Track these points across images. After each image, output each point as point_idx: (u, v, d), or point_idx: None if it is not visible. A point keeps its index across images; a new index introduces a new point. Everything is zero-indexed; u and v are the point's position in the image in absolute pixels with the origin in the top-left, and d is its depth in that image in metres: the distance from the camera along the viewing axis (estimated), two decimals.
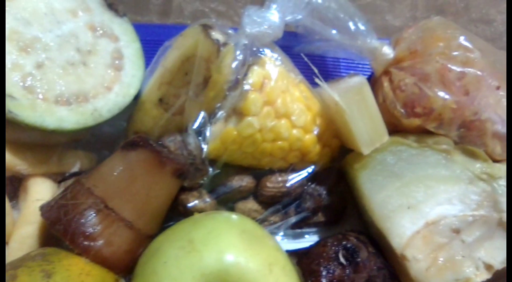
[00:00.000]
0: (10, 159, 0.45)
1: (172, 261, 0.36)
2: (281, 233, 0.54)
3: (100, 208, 0.40)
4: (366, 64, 0.57)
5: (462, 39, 0.46)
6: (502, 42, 0.74)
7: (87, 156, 0.52)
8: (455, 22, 0.50)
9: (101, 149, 0.55)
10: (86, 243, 0.39)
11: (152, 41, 0.53)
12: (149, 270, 0.37)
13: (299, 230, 0.53)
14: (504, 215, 0.45)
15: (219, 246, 0.36)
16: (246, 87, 0.43)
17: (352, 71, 0.57)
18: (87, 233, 0.39)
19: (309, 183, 0.52)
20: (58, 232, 0.39)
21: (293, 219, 0.51)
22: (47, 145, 0.49)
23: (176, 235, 0.39)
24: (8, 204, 0.45)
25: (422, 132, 0.49)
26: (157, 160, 0.41)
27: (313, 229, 0.54)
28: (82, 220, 0.39)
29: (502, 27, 0.75)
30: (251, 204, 0.49)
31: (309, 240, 0.53)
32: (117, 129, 0.55)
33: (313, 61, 0.55)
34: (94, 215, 0.40)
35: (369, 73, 0.57)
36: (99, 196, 0.40)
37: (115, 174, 0.41)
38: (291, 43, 0.55)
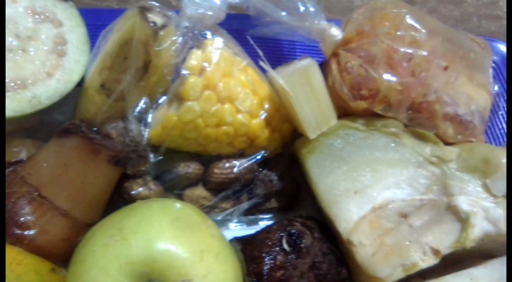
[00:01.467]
0: None
1: (100, 249, 0.36)
2: (235, 220, 0.53)
3: (33, 196, 0.39)
4: None
5: (408, 19, 0.45)
6: (472, 23, 0.72)
7: (34, 144, 0.51)
8: (424, 2, 0.49)
9: (52, 138, 0.54)
10: (19, 232, 0.39)
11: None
12: (78, 259, 0.37)
13: (253, 217, 0.53)
14: (453, 199, 0.44)
15: (148, 234, 0.36)
16: (185, 71, 0.42)
17: (307, 55, 0.56)
18: (20, 222, 0.39)
19: (260, 169, 0.51)
20: None
21: (245, 205, 0.50)
22: None
23: (108, 223, 0.38)
24: None
25: (371, 116, 0.48)
26: (90, 147, 0.40)
27: (268, 216, 0.53)
28: (15, 209, 0.39)
29: (472, 9, 0.73)
30: (199, 191, 0.49)
31: (264, 226, 0.52)
32: (68, 118, 0.54)
33: (267, 45, 0.54)
34: (27, 203, 0.39)
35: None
36: (33, 184, 0.40)
37: (49, 162, 0.40)
38: (244, 27, 0.53)
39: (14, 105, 0.43)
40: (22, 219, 0.39)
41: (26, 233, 0.39)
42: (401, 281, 0.43)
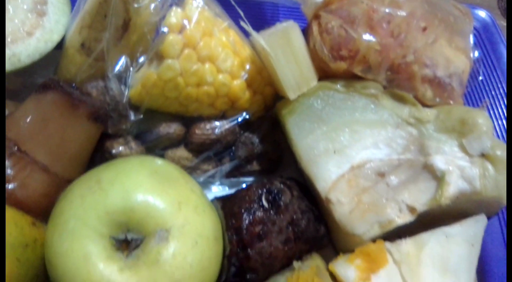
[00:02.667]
0: None
1: (77, 200, 0.36)
2: (218, 183, 0.54)
3: (13, 151, 0.39)
4: None
5: None
6: None
7: (16, 105, 0.51)
8: None
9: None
10: None
11: None
12: (58, 211, 0.37)
13: (235, 179, 0.53)
14: (430, 158, 0.45)
15: (125, 185, 0.36)
16: (164, 29, 0.42)
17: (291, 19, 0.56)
18: None
19: (242, 131, 0.51)
20: None
21: (226, 167, 0.51)
22: None
23: (87, 176, 0.39)
24: None
25: (352, 78, 0.48)
26: (68, 102, 0.40)
27: (250, 179, 0.54)
28: None
29: None
30: (181, 152, 0.49)
31: None
32: None
33: (250, 9, 0.54)
34: (7, 157, 0.39)
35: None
36: (12, 139, 0.40)
37: (28, 117, 0.40)
38: None
39: None
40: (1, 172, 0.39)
41: (5, 186, 0.39)
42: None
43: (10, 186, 0.39)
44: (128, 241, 0.36)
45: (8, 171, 0.39)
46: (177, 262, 0.35)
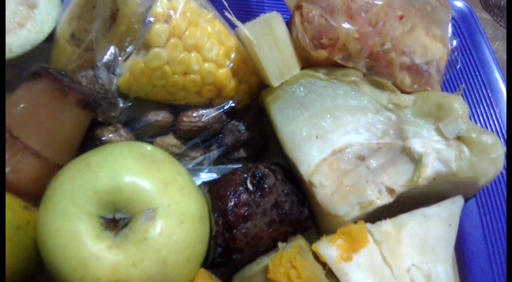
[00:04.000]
0: None
1: (67, 182, 0.38)
2: (206, 170, 0.56)
3: (5, 136, 0.41)
4: None
5: None
6: None
7: (8, 97, 0.52)
8: None
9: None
10: None
11: None
12: (49, 193, 0.39)
13: (223, 166, 0.55)
14: (408, 142, 0.47)
15: (114, 167, 0.38)
16: (151, 18, 0.44)
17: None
18: None
19: (229, 119, 0.53)
20: None
21: (214, 154, 0.53)
22: None
23: (76, 160, 0.40)
24: None
25: (333, 66, 0.50)
26: (58, 89, 0.41)
27: (237, 166, 0.55)
28: None
29: None
30: (169, 139, 0.51)
31: None
32: None
33: (236, 1, 0.55)
34: None
35: None
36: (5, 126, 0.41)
37: (20, 104, 0.42)
38: None
39: None
40: None
41: None
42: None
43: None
44: (116, 220, 0.37)
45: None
46: (163, 240, 0.37)
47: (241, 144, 0.53)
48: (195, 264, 0.41)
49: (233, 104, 0.51)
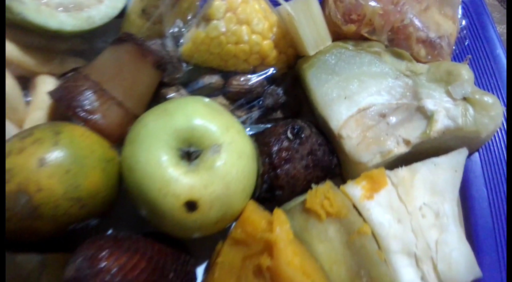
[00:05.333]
0: (22, 58, 0.56)
1: (151, 123, 0.47)
2: (248, 129, 0.65)
3: (96, 89, 0.51)
4: None
5: None
6: None
7: (83, 62, 0.62)
8: None
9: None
10: (86, 115, 0.50)
11: None
12: (134, 133, 0.48)
13: (262, 125, 0.64)
14: (422, 102, 0.56)
15: (187, 111, 0.48)
16: None
17: None
18: (86, 108, 0.50)
19: (269, 85, 0.62)
20: (63, 107, 0.50)
21: (255, 114, 0.62)
22: (51, 50, 0.59)
23: (155, 108, 0.50)
24: (20, 93, 0.55)
25: (360, 39, 0.59)
26: (139, 52, 0.51)
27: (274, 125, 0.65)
28: (81, 98, 0.50)
29: None
30: (220, 99, 0.60)
31: None
32: (108, 45, 0.65)
33: None
34: (92, 94, 0.50)
35: None
36: (95, 81, 0.51)
37: (107, 63, 0.52)
38: None
39: (75, 23, 0.55)
40: (88, 106, 0.50)
41: (91, 116, 0.50)
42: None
43: (95, 116, 0.50)
44: (190, 153, 0.47)
45: (95, 104, 0.50)
46: (227, 169, 0.46)
47: (279, 106, 0.63)
48: (248, 193, 0.50)
49: (274, 72, 0.61)
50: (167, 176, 0.45)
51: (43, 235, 0.46)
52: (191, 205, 0.45)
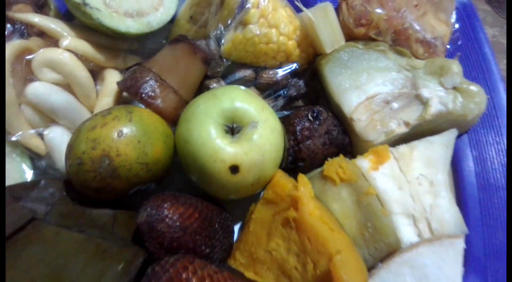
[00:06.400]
0: (94, 55, 0.69)
1: (202, 105, 0.60)
2: None
3: (157, 79, 0.64)
4: None
5: None
6: None
7: (139, 60, 0.76)
8: None
9: (148, 58, 0.79)
10: (149, 100, 0.63)
11: None
12: (188, 113, 0.61)
13: (286, 112, 0.77)
14: (419, 90, 0.68)
15: (231, 96, 0.60)
16: (249, 5, 0.67)
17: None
18: (150, 94, 0.63)
19: (292, 78, 0.75)
20: (131, 94, 0.63)
21: (280, 102, 0.75)
22: (116, 49, 0.73)
23: (204, 94, 0.63)
24: (93, 84, 0.69)
25: (368, 40, 0.72)
26: (191, 50, 0.65)
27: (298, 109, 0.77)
28: (146, 86, 0.64)
29: None
30: (252, 90, 0.73)
31: None
32: (158, 45, 0.79)
33: None
34: (154, 83, 0.64)
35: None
36: (156, 73, 0.64)
37: (166, 59, 0.65)
38: None
39: (138, 26, 0.68)
40: (151, 93, 0.63)
41: (153, 101, 0.63)
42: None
43: (157, 101, 0.63)
44: (233, 128, 0.60)
45: (157, 91, 0.63)
46: (262, 141, 0.59)
47: (300, 96, 0.75)
48: (277, 163, 0.63)
49: (297, 67, 0.74)
50: (216, 146, 0.58)
51: (117, 192, 0.59)
52: (234, 169, 0.58)
